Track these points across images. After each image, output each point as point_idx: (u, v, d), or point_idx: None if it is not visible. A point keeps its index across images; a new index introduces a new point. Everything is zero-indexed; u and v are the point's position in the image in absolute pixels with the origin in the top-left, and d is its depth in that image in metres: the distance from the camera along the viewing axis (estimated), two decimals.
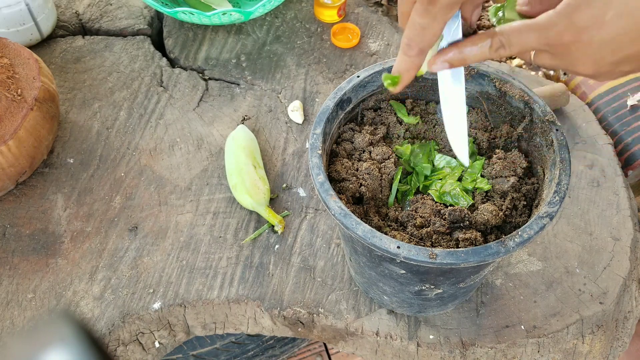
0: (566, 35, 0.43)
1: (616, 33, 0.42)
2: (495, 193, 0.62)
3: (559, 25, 0.43)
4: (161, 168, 0.85)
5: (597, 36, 0.43)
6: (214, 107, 0.93)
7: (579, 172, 0.83)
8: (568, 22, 0.43)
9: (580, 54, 0.44)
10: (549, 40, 0.45)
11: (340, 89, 0.63)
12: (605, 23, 0.42)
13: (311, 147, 0.59)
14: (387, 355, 0.73)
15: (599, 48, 0.43)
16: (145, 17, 1.05)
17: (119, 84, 0.95)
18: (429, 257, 0.51)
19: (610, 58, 0.44)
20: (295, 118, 0.90)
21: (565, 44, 0.44)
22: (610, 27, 0.42)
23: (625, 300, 0.75)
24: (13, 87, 0.77)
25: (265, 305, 0.73)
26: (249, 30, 1.03)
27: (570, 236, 0.77)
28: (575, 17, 0.43)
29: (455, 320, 0.71)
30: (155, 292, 0.74)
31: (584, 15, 0.42)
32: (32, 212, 0.81)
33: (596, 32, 0.42)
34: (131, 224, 0.80)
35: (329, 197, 0.55)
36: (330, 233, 0.78)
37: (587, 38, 0.43)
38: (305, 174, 0.85)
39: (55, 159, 0.86)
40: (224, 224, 0.80)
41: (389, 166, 0.64)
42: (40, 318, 0.72)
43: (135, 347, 0.75)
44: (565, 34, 0.43)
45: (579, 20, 0.42)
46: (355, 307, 0.72)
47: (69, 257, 0.77)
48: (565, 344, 0.71)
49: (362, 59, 0.99)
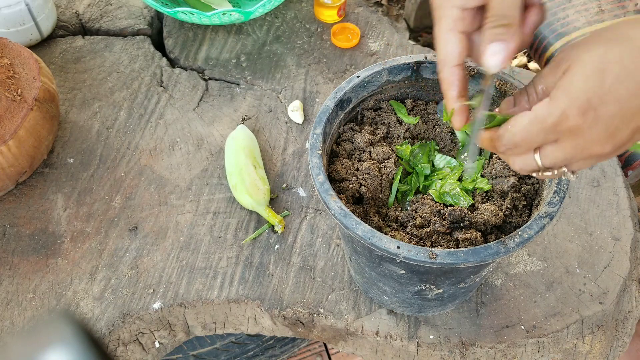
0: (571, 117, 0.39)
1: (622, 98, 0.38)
2: (495, 193, 0.62)
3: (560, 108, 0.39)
4: (161, 168, 0.85)
5: (603, 108, 0.38)
6: (214, 107, 0.93)
7: (579, 172, 0.83)
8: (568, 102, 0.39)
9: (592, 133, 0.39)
10: (555, 128, 0.40)
11: (340, 89, 0.63)
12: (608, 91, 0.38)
13: (311, 147, 0.59)
14: (387, 355, 0.73)
15: (609, 120, 0.38)
16: (145, 17, 1.05)
17: (119, 84, 0.95)
18: (429, 257, 0.51)
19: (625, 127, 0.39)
20: (295, 118, 0.90)
21: (573, 128, 0.39)
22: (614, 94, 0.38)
23: (625, 300, 0.75)
24: (13, 87, 0.77)
25: (265, 305, 0.73)
26: (249, 30, 1.03)
27: (570, 236, 0.77)
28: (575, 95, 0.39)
29: (455, 320, 0.71)
30: (155, 292, 0.74)
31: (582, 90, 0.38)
32: (32, 212, 0.81)
33: (601, 103, 0.38)
34: (131, 224, 0.80)
35: (329, 197, 0.55)
36: (330, 233, 0.78)
37: (593, 114, 0.38)
38: (305, 174, 0.85)
39: (55, 159, 0.86)
40: (224, 224, 0.80)
41: (389, 166, 0.64)
42: (40, 318, 0.72)
43: (135, 347, 0.75)
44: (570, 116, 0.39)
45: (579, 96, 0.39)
46: (355, 307, 0.72)
47: (69, 257, 0.77)
48: (565, 344, 0.71)
49: (362, 59, 0.99)
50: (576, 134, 0.40)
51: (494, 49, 0.44)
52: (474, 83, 0.64)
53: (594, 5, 1.18)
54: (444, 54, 0.47)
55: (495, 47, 0.44)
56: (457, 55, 0.47)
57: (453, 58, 0.47)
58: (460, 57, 0.47)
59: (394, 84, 0.67)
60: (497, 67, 0.44)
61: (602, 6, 1.17)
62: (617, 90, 0.38)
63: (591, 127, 0.39)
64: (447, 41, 0.46)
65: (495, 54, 0.44)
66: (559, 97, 0.40)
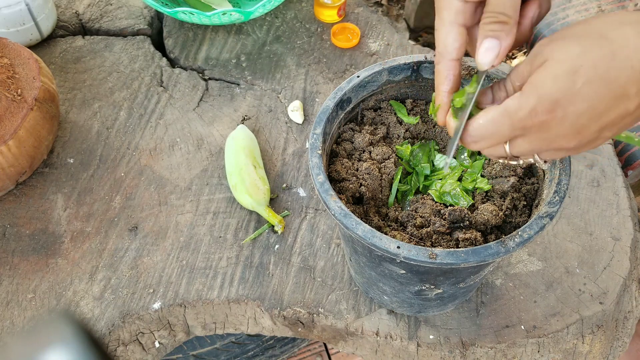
0: (539, 113, 0.40)
1: (591, 101, 0.39)
2: (495, 193, 0.62)
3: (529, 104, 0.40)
4: (161, 168, 0.85)
5: (571, 108, 0.39)
6: (214, 107, 0.93)
7: (579, 172, 0.83)
8: (537, 99, 0.40)
9: (558, 130, 0.41)
10: (523, 123, 0.41)
11: (340, 89, 0.63)
12: (577, 93, 0.39)
13: (311, 147, 0.59)
14: (387, 355, 0.73)
15: (576, 119, 0.40)
16: (145, 17, 1.05)
17: (119, 84, 0.95)
18: (429, 257, 0.51)
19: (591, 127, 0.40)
20: (295, 118, 0.90)
21: (541, 123, 0.41)
22: (583, 96, 0.39)
23: (625, 300, 0.75)
24: (13, 87, 0.77)
25: (265, 305, 0.73)
26: (249, 30, 1.03)
27: (570, 236, 0.77)
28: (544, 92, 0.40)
29: (455, 320, 0.71)
30: (155, 292, 0.74)
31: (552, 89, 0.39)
32: (32, 212, 0.81)
33: (569, 103, 0.39)
34: (131, 224, 0.80)
35: (329, 197, 0.55)
36: (330, 233, 0.78)
37: (561, 112, 0.40)
38: (305, 174, 0.85)
39: (55, 159, 0.86)
40: (224, 224, 0.80)
41: (389, 166, 0.64)
42: (40, 318, 0.72)
43: (135, 347, 0.75)
44: (538, 112, 0.40)
45: (548, 94, 0.40)
46: (355, 307, 0.72)
47: (69, 257, 0.77)
48: (565, 344, 0.71)
49: (362, 59, 0.99)
50: (543, 129, 0.41)
51: (487, 45, 0.44)
52: None
53: (594, 5, 1.18)
54: (442, 47, 0.47)
55: (489, 44, 0.44)
56: (455, 48, 0.46)
57: (452, 51, 0.47)
58: (459, 51, 0.47)
59: (394, 84, 0.67)
60: (488, 64, 0.44)
61: (602, 6, 1.17)
62: (587, 93, 0.39)
63: (558, 124, 0.41)
64: (447, 34, 0.46)
65: (488, 50, 0.44)
66: (529, 93, 0.41)
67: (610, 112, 0.39)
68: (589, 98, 0.39)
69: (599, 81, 0.38)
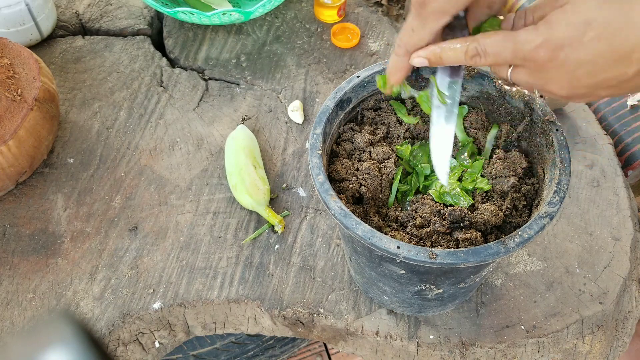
0: (542, 51, 0.42)
1: (593, 55, 0.41)
2: (495, 193, 0.62)
3: (536, 40, 0.42)
4: (161, 168, 0.85)
5: (573, 56, 0.41)
6: (214, 107, 0.93)
7: (579, 172, 0.83)
8: (545, 38, 0.42)
9: (555, 73, 0.43)
10: (525, 55, 0.43)
11: (340, 89, 0.63)
12: (583, 44, 0.40)
13: (311, 147, 0.59)
14: (387, 355, 0.73)
15: (574, 69, 0.42)
16: (145, 17, 1.05)
17: (119, 84, 0.95)
18: (429, 257, 0.51)
19: (586, 80, 0.42)
20: (295, 118, 0.90)
21: (541, 61, 0.43)
22: (587, 49, 0.41)
23: (625, 300, 0.75)
24: (13, 87, 0.77)
25: (265, 305, 0.73)
26: (249, 30, 1.03)
27: (570, 236, 0.77)
28: (553, 34, 0.41)
29: (455, 320, 0.71)
30: (155, 292, 0.74)
31: (561, 33, 0.41)
32: (32, 212, 0.81)
33: (573, 51, 0.41)
34: (131, 224, 0.80)
35: (329, 197, 0.55)
36: (330, 233, 0.78)
37: (562, 56, 0.42)
38: (305, 174, 0.85)
39: (55, 159, 0.86)
40: (224, 224, 0.80)
41: (389, 166, 0.64)
42: (40, 318, 0.72)
43: (135, 347, 0.75)
44: (542, 50, 0.42)
45: (557, 37, 0.41)
46: (355, 307, 0.72)
47: (69, 257, 0.77)
48: (565, 344, 0.71)
49: (362, 59, 0.99)
50: (542, 68, 0.43)
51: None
52: (474, 83, 0.64)
53: None
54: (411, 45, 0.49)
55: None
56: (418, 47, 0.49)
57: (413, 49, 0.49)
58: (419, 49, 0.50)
59: None
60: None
61: None
62: (593, 47, 0.40)
63: (556, 68, 0.42)
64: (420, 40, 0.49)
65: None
66: (541, 30, 0.43)
67: (608, 71, 0.41)
68: (592, 52, 0.40)
69: (606, 39, 0.40)
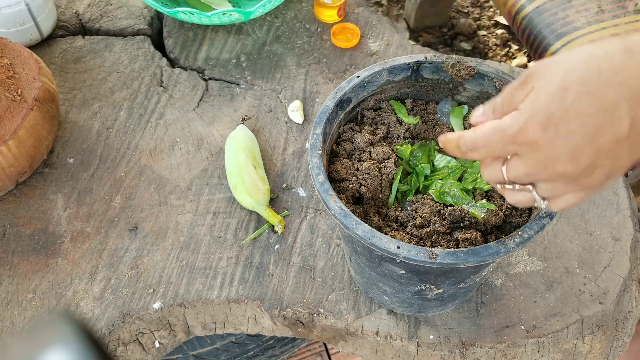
0: (531, 128, 0.40)
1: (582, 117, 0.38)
2: (495, 193, 0.62)
3: (522, 118, 0.40)
4: (161, 168, 0.85)
5: (563, 124, 0.39)
6: (214, 107, 0.93)
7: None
8: (529, 114, 0.40)
9: (553, 148, 0.40)
10: (515, 137, 0.41)
11: (340, 89, 0.63)
12: (568, 109, 0.38)
13: (311, 147, 0.59)
14: (387, 355, 0.73)
15: (569, 138, 0.39)
16: (145, 17, 1.05)
17: (119, 84, 0.95)
18: (429, 257, 0.51)
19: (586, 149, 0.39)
20: (295, 118, 0.90)
21: (533, 139, 0.40)
22: (574, 112, 0.38)
23: (625, 300, 0.75)
24: (13, 87, 0.77)
25: (265, 305, 0.73)
26: (249, 30, 1.03)
27: (570, 236, 0.77)
28: (537, 108, 0.40)
29: (455, 320, 0.71)
30: (155, 292, 0.74)
31: (544, 105, 0.39)
32: (32, 212, 0.81)
33: (561, 120, 0.39)
34: (131, 224, 0.80)
35: (329, 197, 0.55)
36: (330, 233, 0.78)
37: (553, 128, 0.39)
38: (305, 174, 0.85)
39: (55, 159, 0.86)
40: (224, 224, 0.80)
41: (389, 166, 0.64)
42: (40, 318, 0.72)
43: (135, 347, 0.75)
44: (530, 127, 0.40)
45: (541, 110, 0.39)
46: (355, 307, 0.72)
47: (69, 257, 0.77)
48: (565, 344, 0.71)
49: (362, 59, 0.99)
50: (536, 149, 0.41)
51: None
52: (474, 83, 0.65)
53: (594, 5, 1.18)
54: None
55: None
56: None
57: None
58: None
59: (394, 84, 0.67)
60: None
61: (602, 6, 1.17)
62: (578, 108, 0.38)
63: (551, 142, 0.40)
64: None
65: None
66: (523, 110, 0.41)
67: (602, 132, 0.38)
68: (580, 113, 0.38)
69: (588, 96, 0.38)
